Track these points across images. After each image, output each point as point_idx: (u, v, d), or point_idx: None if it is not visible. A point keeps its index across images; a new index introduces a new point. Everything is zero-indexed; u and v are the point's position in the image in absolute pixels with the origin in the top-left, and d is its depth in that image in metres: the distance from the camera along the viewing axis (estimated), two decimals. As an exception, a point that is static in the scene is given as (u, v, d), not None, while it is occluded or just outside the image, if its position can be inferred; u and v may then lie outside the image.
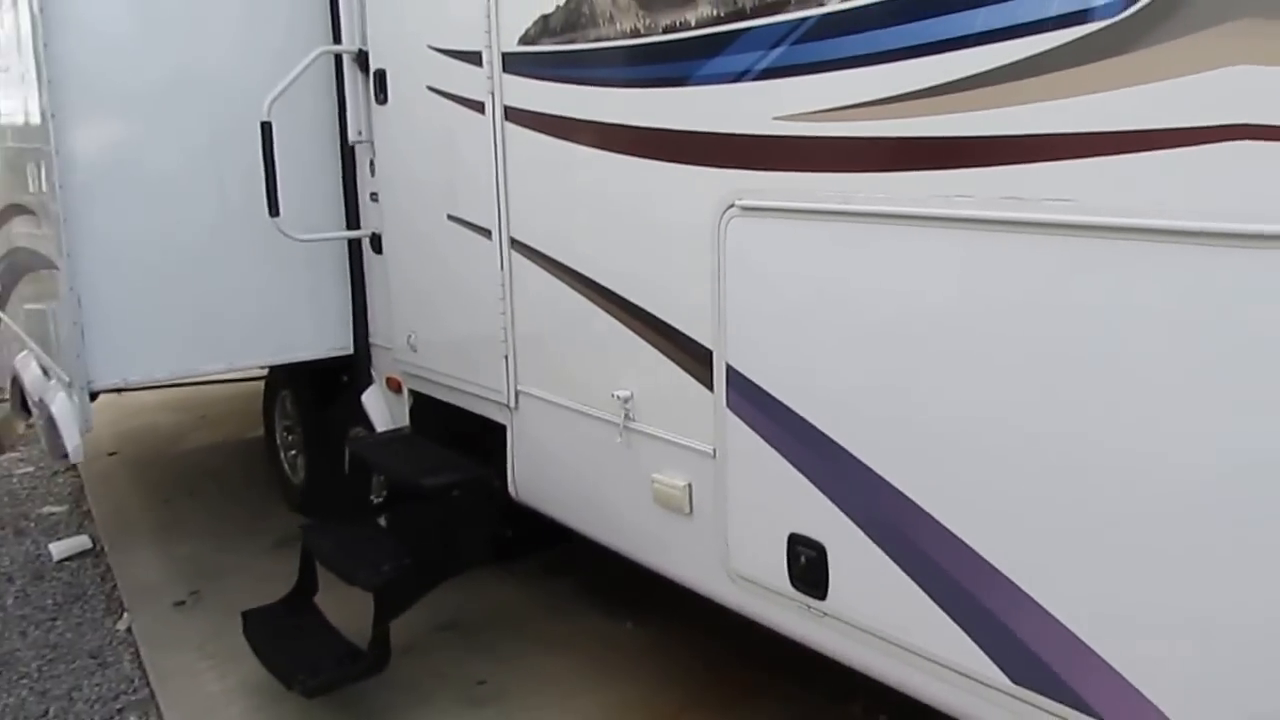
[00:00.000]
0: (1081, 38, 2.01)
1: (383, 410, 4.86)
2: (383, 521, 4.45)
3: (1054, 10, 2.05)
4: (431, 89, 4.03)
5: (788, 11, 2.58)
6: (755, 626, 3.02)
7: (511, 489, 3.98)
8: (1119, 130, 1.98)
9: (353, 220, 4.81)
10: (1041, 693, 2.23)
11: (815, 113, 2.56)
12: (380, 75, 4.38)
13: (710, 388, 2.96)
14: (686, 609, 3.68)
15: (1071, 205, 2.07)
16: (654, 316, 3.16)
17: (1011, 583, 2.26)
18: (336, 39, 4.59)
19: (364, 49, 4.48)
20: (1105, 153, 2.01)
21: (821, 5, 2.50)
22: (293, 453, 5.83)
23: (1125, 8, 1.95)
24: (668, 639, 4.22)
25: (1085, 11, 2.00)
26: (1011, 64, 2.13)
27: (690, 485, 3.11)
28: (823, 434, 2.64)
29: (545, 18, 3.38)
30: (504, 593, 4.70)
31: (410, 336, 4.47)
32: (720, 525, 3.01)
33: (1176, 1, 1.87)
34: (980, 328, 2.27)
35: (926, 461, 2.42)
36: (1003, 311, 2.22)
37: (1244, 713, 1.90)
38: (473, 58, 3.74)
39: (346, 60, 4.57)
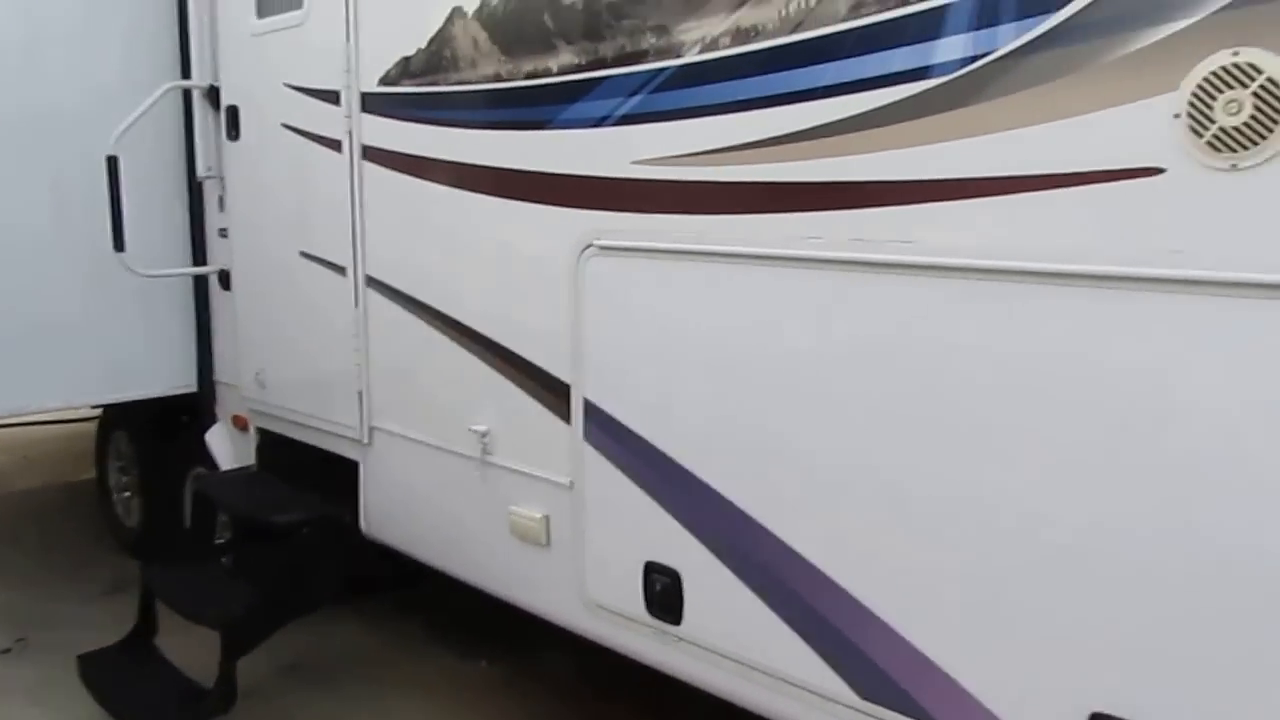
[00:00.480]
0: (919, 93, 2.20)
1: (227, 449, 4.75)
2: (226, 561, 4.34)
3: (895, 67, 2.23)
4: (286, 126, 4.02)
5: (646, 62, 2.71)
6: (610, 659, 3.08)
7: (363, 525, 3.96)
8: (953, 178, 2.16)
9: (199, 256, 4.72)
10: (890, 708, 2.36)
11: (671, 157, 2.69)
12: (232, 111, 4.34)
13: (568, 421, 3.04)
14: (540, 646, 3.72)
15: (912, 246, 2.24)
16: (512, 353, 3.22)
17: (858, 602, 2.39)
18: (186, 73, 4.53)
19: (215, 85, 4.44)
20: (941, 198, 2.19)
21: (678, 57, 2.64)
22: (127, 494, 5.62)
23: (960, 67, 2.13)
24: (521, 677, 4.23)
25: (924, 69, 2.19)
26: (856, 115, 2.30)
27: (548, 517, 3.17)
28: (677, 464, 2.75)
29: (406, 60, 3.43)
30: (353, 632, 4.63)
31: (259, 373, 4.40)
32: (578, 556, 3.07)
33: (1005, 65, 2.06)
34: (827, 362, 2.41)
35: (777, 488, 2.54)
36: (848, 346, 2.37)
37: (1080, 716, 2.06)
38: (330, 97, 3.76)
39: (196, 95, 4.51)
